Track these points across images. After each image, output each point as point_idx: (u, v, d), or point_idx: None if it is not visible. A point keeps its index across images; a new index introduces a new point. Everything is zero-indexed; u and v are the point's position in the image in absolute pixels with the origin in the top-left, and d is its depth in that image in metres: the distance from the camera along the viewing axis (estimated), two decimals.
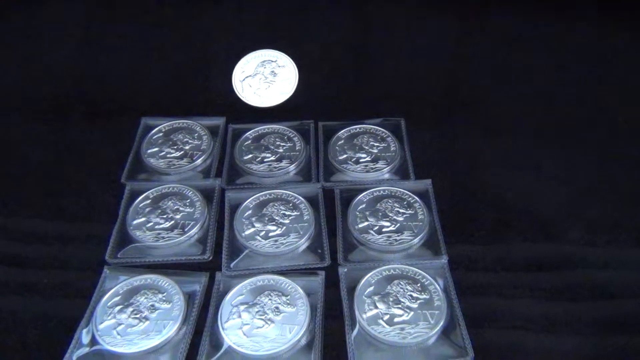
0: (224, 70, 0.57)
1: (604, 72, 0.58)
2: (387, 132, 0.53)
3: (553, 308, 0.41)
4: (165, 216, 0.46)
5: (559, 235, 0.45)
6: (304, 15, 0.61)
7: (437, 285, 0.41)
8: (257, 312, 0.40)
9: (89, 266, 0.44)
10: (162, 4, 0.61)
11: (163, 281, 0.42)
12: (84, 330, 0.39)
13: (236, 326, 0.39)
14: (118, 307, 0.40)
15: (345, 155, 0.51)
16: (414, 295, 0.41)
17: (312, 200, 0.48)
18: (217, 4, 0.61)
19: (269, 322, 0.39)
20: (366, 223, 0.45)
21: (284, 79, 0.55)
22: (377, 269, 0.42)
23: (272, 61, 0.56)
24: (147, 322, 0.40)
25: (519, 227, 0.46)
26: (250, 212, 0.46)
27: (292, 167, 0.50)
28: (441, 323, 0.39)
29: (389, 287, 0.41)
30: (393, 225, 0.45)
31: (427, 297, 0.41)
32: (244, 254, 0.44)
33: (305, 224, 0.45)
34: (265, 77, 0.55)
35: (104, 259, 0.44)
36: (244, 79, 0.55)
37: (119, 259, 0.44)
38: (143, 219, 0.46)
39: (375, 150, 0.51)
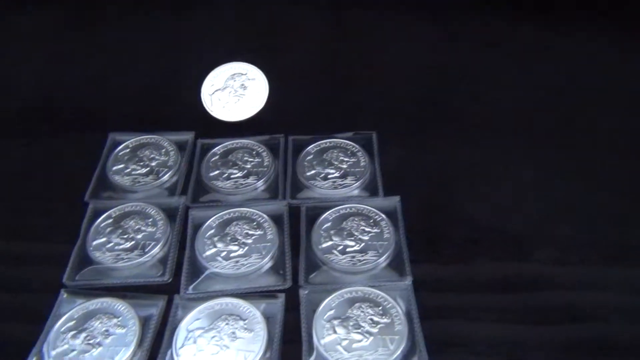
0: (195, 84, 0.56)
1: (584, 82, 0.56)
2: (357, 146, 0.51)
3: (520, 331, 0.40)
4: (126, 236, 0.45)
5: (529, 253, 0.44)
6: (276, 28, 0.60)
7: (399, 309, 0.40)
8: (212, 337, 0.39)
9: (47, 288, 0.43)
10: (130, 18, 0.60)
11: (119, 305, 0.41)
12: (35, 358, 0.39)
13: (190, 352, 0.38)
14: (72, 333, 0.40)
15: (313, 171, 0.50)
16: (375, 319, 0.39)
17: (278, 219, 0.47)
18: (188, 17, 0.60)
19: (224, 348, 0.38)
20: (330, 242, 0.44)
21: (254, 92, 0.54)
22: (339, 292, 0.41)
23: (242, 74, 0.55)
24: (100, 348, 0.39)
25: (488, 245, 0.45)
26: (212, 231, 0.45)
27: (260, 183, 0.49)
28: (401, 349, 0.38)
29: (349, 310, 0.40)
30: (358, 245, 0.44)
31: (388, 321, 0.39)
32: (204, 275, 0.43)
33: (268, 244, 0.44)
34: (235, 91, 0.54)
35: (62, 281, 0.43)
36: (213, 93, 0.54)
37: (77, 281, 0.43)
38: (103, 239, 0.45)
39: (345, 166, 0.50)
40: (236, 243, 0.44)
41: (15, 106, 0.56)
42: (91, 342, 0.39)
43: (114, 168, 0.51)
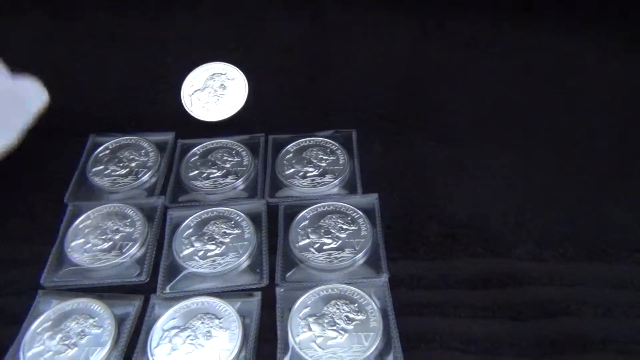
0: (175, 84, 0.56)
1: (562, 79, 0.56)
2: (337, 144, 0.51)
3: (496, 327, 0.40)
4: (104, 237, 0.45)
5: (506, 250, 0.44)
6: (254, 27, 0.60)
7: (374, 305, 0.40)
8: (187, 336, 0.39)
9: (24, 290, 0.43)
10: (109, 20, 0.60)
11: (95, 305, 0.41)
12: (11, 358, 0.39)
13: (165, 352, 0.38)
14: (48, 333, 0.40)
15: (292, 170, 0.50)
16: (350, 316, 0.39)
17: (256, 218, 0.47)
18: (167, 17, 0.60)
19: (199, 347, 0.38)
20: (307, 240, 0.44)
21: (233, 92, 0.54)
22: (315, 289, 0.41)
23: (222, 74, 0.55)
24: (76, 349, 0.39)
25: (465, 242, 0.45)
26: (190, 231, 0.45)
27: (239, 182, 0.49)
28: (375, 345, 0.38)
29: (325, 308, 0.40)
30: (335, 243, 0.44)
31: (364, 317, 0.39)
32: (181, 275, 0.43)
33: (246, 243, 0.44)
34: (215, 91, 0.54)
35: (40, 282, 0.43)
36: (192, 93, 0.54)
37: (55, 282, 0.43)
38: (81, 240, 0.45)
39: (324, 164, 0.50)
40: (213, 242, 0.44)
41: None
42: (67, 342, 0.39)
43: (94, 169, 0.51)
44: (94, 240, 0.45)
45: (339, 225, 0.45)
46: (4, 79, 0.44)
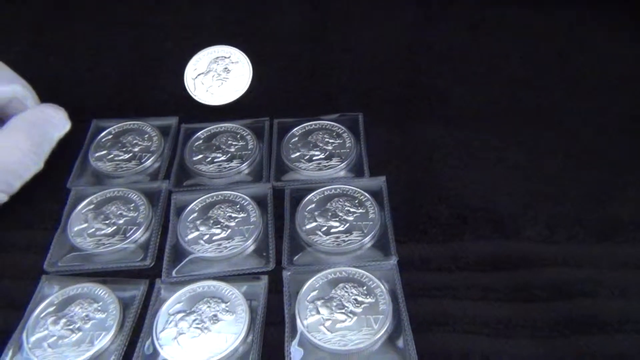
0: (179, 69, 0.55)
1: (569, 62, 0.55)
2: (343, 127, 0.50)
3: (507, 309, 0.39)
4: (107, 221, 0.45)
5: (517, 232, 0.43)
6: (258, 10, 0.59)
7: (383, 288, 0.39)
8: (194, 320, 0.38)
9: (28, 275, 0.42)
10: (111, 5, 0.60)
11: (99, 290, 0.40)
12: (13, 346, 0.38)
13: (171, 336, 0.38)
14: (51, 318, 0.39)
15: (298, 153, 0.49)
16: (359, 299, 0.39)
17: (262, 201, 0.46)
18: (169, 2, 0.59)
19: (205, 331, 0.38)
20: (314, 224, 0.43)
21: (237, 75, 0.53)
22: (322, 272, 0.40)
23: (226, 57, 0.54)
24: (80, 333, 0.38)
25: (475, 224, 0.44)
26: (195, 215, 0.45)
27: (244, 166, 0.49)
28: (385, 328, 0.37)
29: (333, 291, 0.39)
30: (342, 226, 0.43)
31: (373, 300, 0.39)
32: (187, 259, 0.42)
33: (252, 226, 0.44)
34: (219, 74, 0.53)
35: (43, 267, 0.43)
36: (196, 77, 0.53)
37: (58, 267, 0.43)
38: (85, 225, 0.45)
39: (330, 147, 0.49)
40: (219, 226, 0.44)
41: None
42: (70, 327, 0.38)
43: (97, 154, 0.50)
44: (97, 224, 0.44)
45: (347, 208, 0.44)
46: (37, 112, 0.48)
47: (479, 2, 0.60)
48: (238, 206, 0.45)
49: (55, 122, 0.48)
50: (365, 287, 0.39)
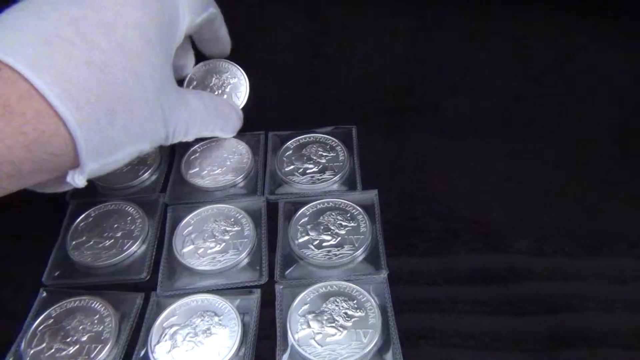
0: (177, 82, 0.56)
1: (562, 73, 0.56)
2: (337, 141, 0.51)
3: (496, 323, 0.40)
4: (105, 235, 0.46)
5: (507, 245, 0.44)
6: (254, 22, 0.60)
7: (373, 302, 0.40)
8: (187, 333, 0.39)
9: (26, 288, 0.43)
10: None
11: (96, 303, 0.41)
12: (12, 358, 0.39)
13: (165, 349, 0.39)
14: (50, 331, 0.40)
15: (292, 167, 0.50)
16: (349, 313, 0.39)
17: (256, 215, 0.47)
18: None
19: (199, 344, 0.39)
20: (306, 237, 0.44)
21: (234, 89, 0.54)
22: (314, 286, 0.41)
23: (223, 72, 0.55)
24: (77, 346, 0.39)
25: (466, 237, 0.45)
26: (190, 228, 0.46)
27: (239, 179, 0.49)
28: (374, 342, 0.38)
29: (324, 305, 0.40)
30: (334, 239, 0.44)
31: (363, 314, 0.39)
32: (182, 272, 0.43)
33: (246, 240, 0.45)
34: (216, 89, 0.54)
35: (42, 280, 0.44)
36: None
37: (56, 280, 0.44)
38: (83, 238, 0.46)
39: (324, 160, 0.50)
40: (213, 240, 0.45)
41: None
42: (68, 340, 0.39)
43: None
44: (95, 238, 0.45)
45: (339, 221, 0.45)
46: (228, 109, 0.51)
47: (474, 14, 0.61)
48: (232, 220, 0.46)
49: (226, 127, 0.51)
50: (355, 301, 0.40)
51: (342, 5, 0.60)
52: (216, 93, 0.54)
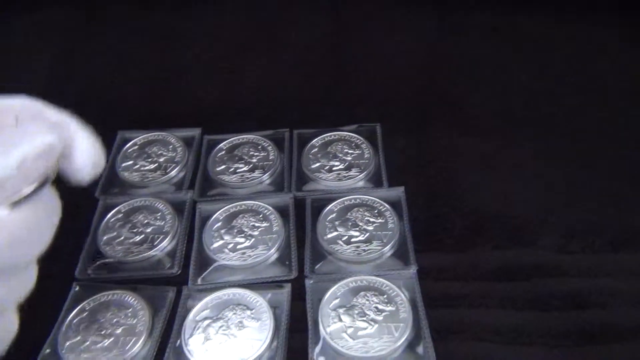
0: (199, 79, 0.57)
1: (586, 70, 0.56)
2: (362, 138, 0.52)
3: (524, 318, 0.40)
4: (135, 230, 0.46)
5: (533, 241, 0.44)
6: (278, 20, 0.60)
7: (403, 297, 0.40)
8: (220, 327, 0.40)
9: (60, 283, 0.44)
10: (134, 16, 0.61)
11: (129, 297, 0.42)
12: (47, 351, 0.40)
13: (199, 342, 0.39)
14: (84, 324, 0.41)
15: (318, 164, 0.50)
16: (380, 307, 0.40)
17: (284, 211, 0.47)
18: (189, 13, 0.61)
19: (231, 337, 0.39)
20: (335, 233, 0.45)
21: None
22: (344, 281, 0.42)
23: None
24: (112, 339, 0.40)
25: (492, 234, 0.45)
26: (219, 224, 0.46)
27: (265, 177, 0.50)
28: (405, 336, 0.38)
29: (354, 299, 0.41)
30: (362, 235, 0.44)
31: (393, 309, 0.40)
32: (212, 267, 0.44)
33: (274, 235, 0.45)
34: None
35: (74, 275, 0.44)
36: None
37: (89, 275, 0.44)
38: (114, 234, 0.46)
39: (349, 158, 0.50)
40: (243, 235, 0.45)
41: None
42: (102, 332, 0.40)
43: (123, 165, 0.52)
44: (125, 233, 0.46)
45: (366, 218, 0.46)
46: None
47: (497, 11, 0.61)
48: (261, 215, 0.46)
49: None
50: (385, 296, 0.41)
51: (365, 3, 0.61)
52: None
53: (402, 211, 0.46)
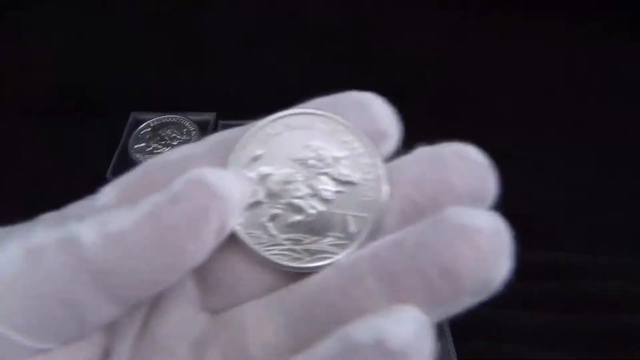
0: (217, 64, 0.56)
1: (611, 70, 0.55)
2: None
3: (547, 319, 0.39)
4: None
5: (558, 242, 0.44)
6: (297, 9, 0.60)
7: None
8: None
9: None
10: None
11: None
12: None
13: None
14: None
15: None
16: None
17: None
18: None
19: None
20: None
21: None
22: None
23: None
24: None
25: (517, 234, 0.44)
26: None
27: None
28: None
29: None
30: None
31: None
32: None
33: None
34: None
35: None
36: None
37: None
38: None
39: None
40: None
41: (37, 87, 0.56)
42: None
43: (136, 146, 0.51)
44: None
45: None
46: None
47: (518, 8, 0.60)
48: None
49: None
50: None
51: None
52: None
53: None
